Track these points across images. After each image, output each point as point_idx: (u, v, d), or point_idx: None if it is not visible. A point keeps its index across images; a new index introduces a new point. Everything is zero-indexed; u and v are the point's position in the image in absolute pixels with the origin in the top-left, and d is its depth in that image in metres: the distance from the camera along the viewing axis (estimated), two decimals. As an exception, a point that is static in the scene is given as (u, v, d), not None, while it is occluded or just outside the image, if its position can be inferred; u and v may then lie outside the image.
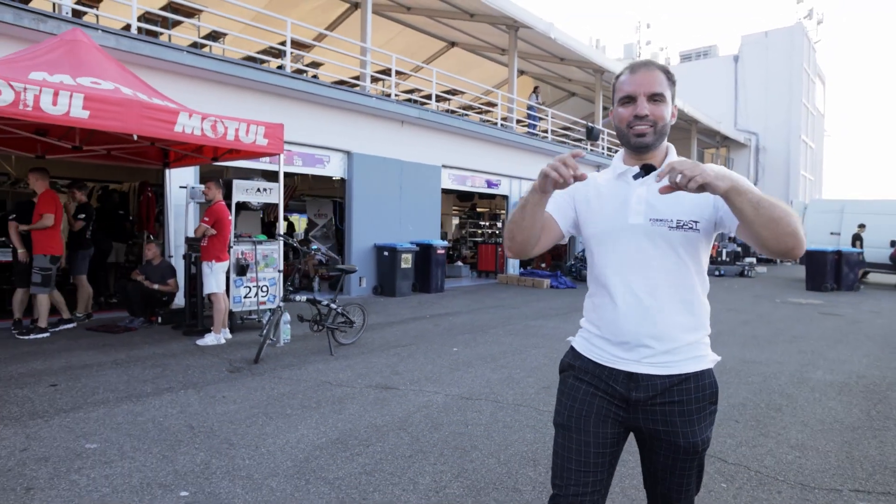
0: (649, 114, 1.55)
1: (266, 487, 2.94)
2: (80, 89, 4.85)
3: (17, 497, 2.78)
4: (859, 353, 6.78)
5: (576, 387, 1.66)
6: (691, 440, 1.55)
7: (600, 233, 1.63)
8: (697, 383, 1.57)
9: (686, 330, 1.57)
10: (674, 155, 1.64)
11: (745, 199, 1.34)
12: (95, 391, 4.55)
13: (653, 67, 1.60)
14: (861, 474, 3.28)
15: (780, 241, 1.37)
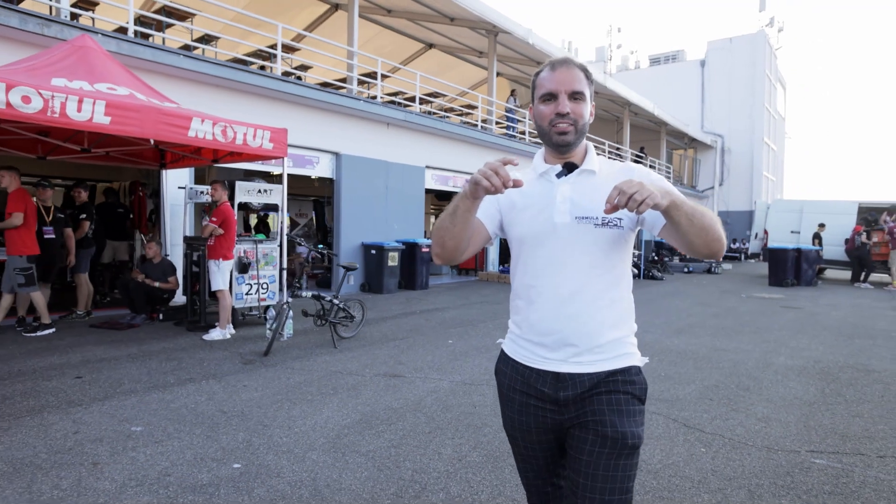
0: (570, 112, 1.55)
1: (308, 460, 3.33)
2: (101, 96, 5.13)
3: (87, 470, 3.12)
4: (816, 341, 7.43)
5: (511, 398, 1.66)
6: (619, 429, 1.50)
7: (527, 234, 1.61)
8: (625, 377, 1.55)
9: (611, 327, 1.56)
10: (593, 154, 1.64)
11: (682, 213, 1.38)
12: (121, 382, 4.85)
13: (573, 65, 1.59)
14: (815, 439, 3.83)
15: (709, 246, 1.43)
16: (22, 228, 6.39)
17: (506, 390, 1.67)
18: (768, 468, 3.35)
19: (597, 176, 1.59)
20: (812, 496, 3.01)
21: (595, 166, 1.61)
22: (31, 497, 2.80)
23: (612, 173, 1.59)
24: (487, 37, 17.17)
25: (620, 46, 44.16)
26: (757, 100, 35.36)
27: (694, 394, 4.86)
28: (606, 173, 1.60)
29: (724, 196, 35.25)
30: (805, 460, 3.48)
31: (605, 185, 1.49)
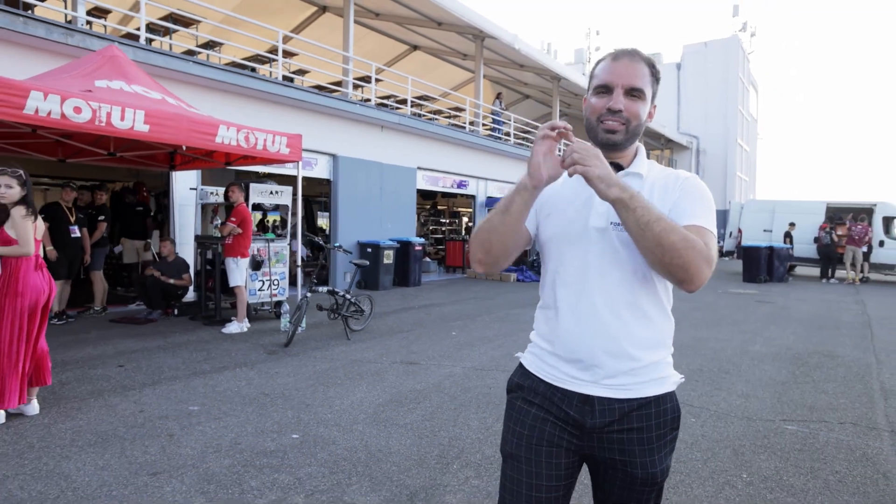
0: (624, 109, 1.40)
1: (356, 431, 3.83)
2: (140, 105, 5.53)
3: (165, 440, 3.57)
4: (787, 331, 8.12)
5: (525, 411, 1.49)
6: (650, 471, 1.40)
7: (557, 236, 1.47)
8: (659, 408, 1.42)
9: (648, 347, 1.41)
10: (643, 157, 1.51)
11: (630, 216, 1.25)
12: (161, 370, 5.27)
13: (637, 58, 1.44)
14: (787, 410, 4.44)
15: (668, 270, 1.28)
16: None
17: (519, 402, 1.50)
18: (748, 433, 3.94)
19: (644, 180, 1.45)
20: (785, 453, 3.59)
21: (643, 170, 1.47)
22: (128, 460, 3.25)
23: (661, 178, 1.46)
24: (475, 41, 17.67)
25: (599, 49, 45.08)
26: (731, 102, 36.54)
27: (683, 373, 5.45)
28: (655, 178, 1.46)
29: (699, 196, 36.28)
30: (779, 427, 4.08)
31: (652, 191, 1.42)
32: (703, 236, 1.30)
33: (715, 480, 3.18)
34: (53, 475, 3.04)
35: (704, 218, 1.36)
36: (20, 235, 3.86)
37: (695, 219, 1.34)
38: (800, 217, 18.05)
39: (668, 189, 1.43)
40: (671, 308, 1.47)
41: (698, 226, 1.33)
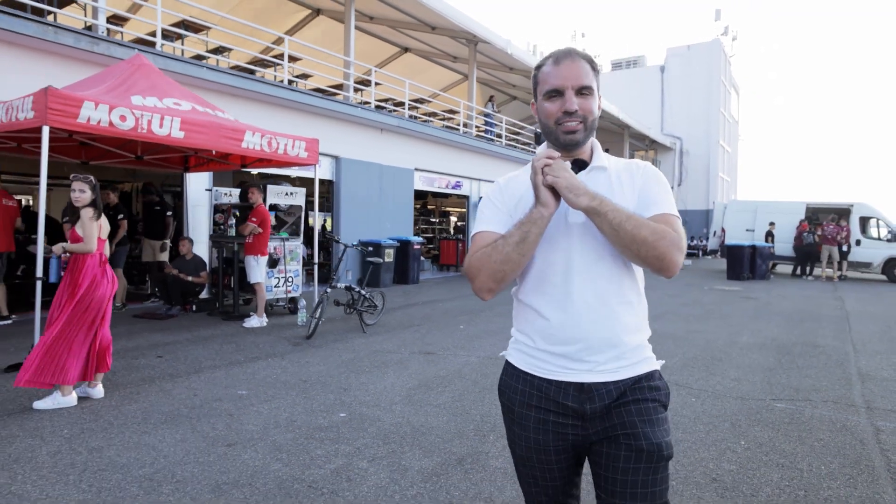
0: (578, 108, 1.45)
1: (396, 410, 4.26)
2: (176, 113, 5.90)
3: (227, 419, 3.97)
4: (771, 324, 8.68)
5: (525, 415, 1.52)
6: (654, 441, 1.41)
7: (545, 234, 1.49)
8: (650, 384, 1.48)
9: (632, 332, 1.48)
10: (599, 151, 1.57)
11: (603, 220, 1.34)
12: (199, 360, 5.65)
13: (577, 57, 1.48)
14: (776, 391, 4.96)
15: (645, 261, 1.38)
16: None
17: (517, 407, 1.53)
18: (743, 410, 4.44)
19: (608, 172, 1.53)
20: (775, 426, 4.09)
21: (606, 163, 1.55)
22: (200, 434, 3.65)
23: (623, 168, 1.55)
24: (468, 46, 18.11)
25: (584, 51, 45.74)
26: (713, 104, 37.41)
27: (678, 363, 5.96)
28: (617, 168, 1.55)
29: (682, 196, 37.08)
30: (769, 405, 4.59)
31: (617, 180, 1.51)
32: (671, 224, 1.40)
33: (717, 447, 3.67)
34: (141, 446, 3.44)
35: (667, 204, 1.46)
36: (86, 234, 4.24)
37: (660, 206, 1.44)
38: (780, 217, 18.77)
39: (633, 176, 1.51)
40: (644, 293, 1.55)
41: (664, 213, 1.43)
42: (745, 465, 3.41)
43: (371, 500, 2.85)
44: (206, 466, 3.19)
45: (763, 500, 2.95)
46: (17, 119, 5.12)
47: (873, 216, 18.00)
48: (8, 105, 5.26)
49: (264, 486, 2.96)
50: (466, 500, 2.88)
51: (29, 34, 6.92)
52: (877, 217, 17.96)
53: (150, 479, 3.01)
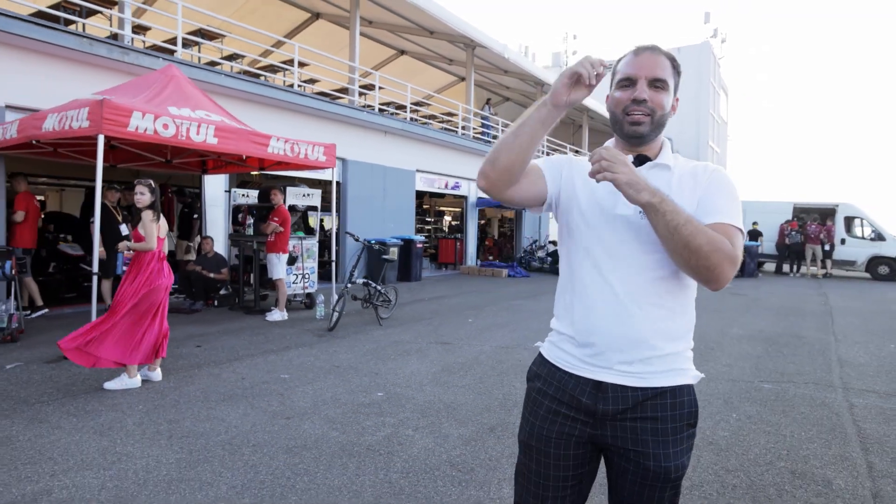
0: (648, 99, 1.42)
1: (426, 390, 4.76)
2: (210, 122, 6.36)
3: (279, 398, 4.45)
4: (760, 318, 9.27)
5: (538, 402, 1.53)
6: (663, 464, 1.39)
7: (582, 219, 1.49)
8: (675, 400, 1.42)
9: (667, 338, 1.42)
10: (669, 149, 1.53)
11: (660, 219, 1.29)
12: (236, 349, 6.12)
13: (659, 52, 1.46)
14: (763, 375, 5.52)
15: (694, 271, 1.32)
16: (24, 223, 7.45)
17: (535, 394, 1.55)
18: (735, 390, 4.98)
19: (672, 171, 1.48)
20: (763, 402, 4.64)
21: (671, 161, 1.50)
22: (260, 410, 4.13)
23: (689, 169, 1.49)
24: (466, 50, 18.60)
25: (576, 52, 46.40)
26: (703, 106, 38.21)
27: (674, 352, 6.50)
28: (682, 169, 1.49)
29: (672, 196, 37.82)
30: (758, 386, 5.14)
31: (679, 182, 1.45)
32: (729, 235, 1.33)
33: (713, 419, 4.21)
34: (211, 419, 3.91)
35: (731, 214, 1.38)
36: (146, 234, 4.70)
37: (722, 216, 1.37)
38: (768, 216, 19.45)
39: (698, 179, 1.44)
40: (693, 301, 1.49)
41: (725, 223, 1.35)
42: (737, 432, 3.94)
43: (423, 460, 3.35)
44: (273, 434, 3.67)
45: (752, 458, 3.48)
46: (71, 127, 5.56)
47: (857, 216, 18.70)
48: (62, 115, 5.70)
49: (329, 449, 3.45)
50: (503, 458, 3.39)
51: (69, 46, 7.34)
52: (861, 217, 18.67)
53: (230, 444, 3.49)
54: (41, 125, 5.90)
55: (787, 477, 3.23)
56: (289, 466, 3.20)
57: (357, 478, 3.09)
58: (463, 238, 18.16)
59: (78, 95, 7.33)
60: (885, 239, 17.88)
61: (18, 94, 7.37)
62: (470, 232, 18.37)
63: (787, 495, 3.01)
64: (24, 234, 7.63)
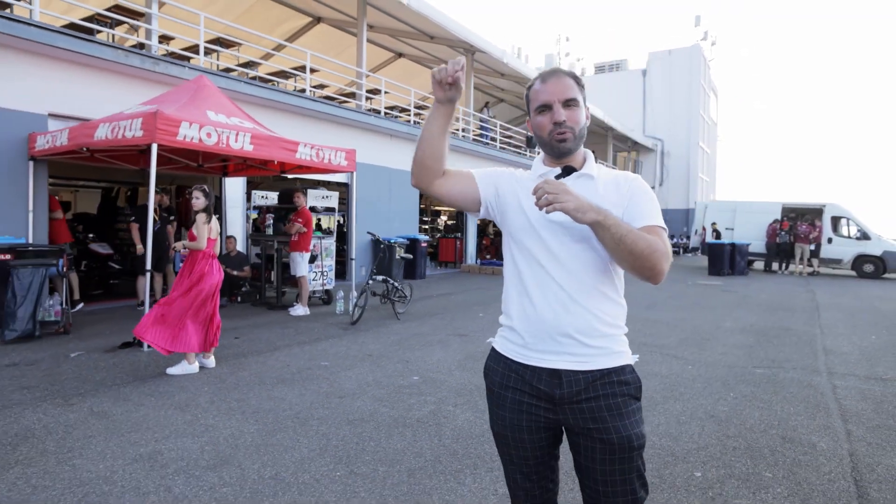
0: (566, 119, 1.59)
1: (455, 374, 5.29)
2: (245, 129, 6.85)
3: (325, 381, 4.96)
4: (751, 313, 9.87)
5: (503, 395, 1.67)
6: (624, 434, 1.55)
7: (522, 227, 1.65)
8: (620, 377, 1.59)
9: (606, 324, 1.60)
10: (592, 160, 1.70)
11: (607, 234, 1.44)
12: (272, 340, 6.61)
13: (562, 75, 1.64)
14: (756, 361, 6.10)
15: (638, 271, 1.50)
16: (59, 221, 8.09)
17: (497, 388, 1.69)
18: (731, 374, 5.55)
19: (595, 181, 1.65)
20: (756, 384, 5.21)
21: (594, 172, 1.66)
22: (312, 391, 4.64)
23: (611, 178, 1.66)
24: (465, 55, 19.09)
25: (569, 54, 47.07)
26: (693, 107, 38.94)
27: (673, 342, 7.07)
28: (605, 178, 1.66)
29: (663, 195, 38.54)
30: (751, 370, 5.71)
31: (604, 189, 1.62)
32: (660, 235, 1.53)
33: (712, 397, 4.77)
34: (273, 398, 4.43)
35: (656, 217, 1.58)
36: (199, 235, 5.20)
37: (650, 219, 1.57)
38: (755, 216, 20.17)
39: (620, 188, 1.63)
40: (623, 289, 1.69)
41: (653, 225, 1.56)
42: (734, 407, 4.51)
43: (468, 429, 3.88)
44: (332, 410, 4.19)
45: (749, 427, 4.05)
46: (124, 136, 6.03)
47: (844, 216, 19.41)
48: (114, 125, 6.16)
49: (385, 422, 3.98)
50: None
51: (104, 57, 7.81)
52: (847, 217, 19.37)
53: (297, 418, 4.01)
54: (93, 134, 6.36)
55: (779, 441, 3.79)
56: (354, 434, 3.73)
57: (415, 443, 3.62)
58: (463, 237, 18.68)
59: (113, 103, 7.84)
60: (870, 238, 18.58)
61: (60, 102, 7.82)
62: (470, 231, 18.90)
63: (779, 454, 3.57)
64: (62, 231, 8.11)
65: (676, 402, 4.62)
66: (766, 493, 3.04)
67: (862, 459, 3.53)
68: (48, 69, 7.67)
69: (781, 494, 3.03)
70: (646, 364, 5.83)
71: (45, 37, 7.26)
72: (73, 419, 3.86)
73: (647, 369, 5.62)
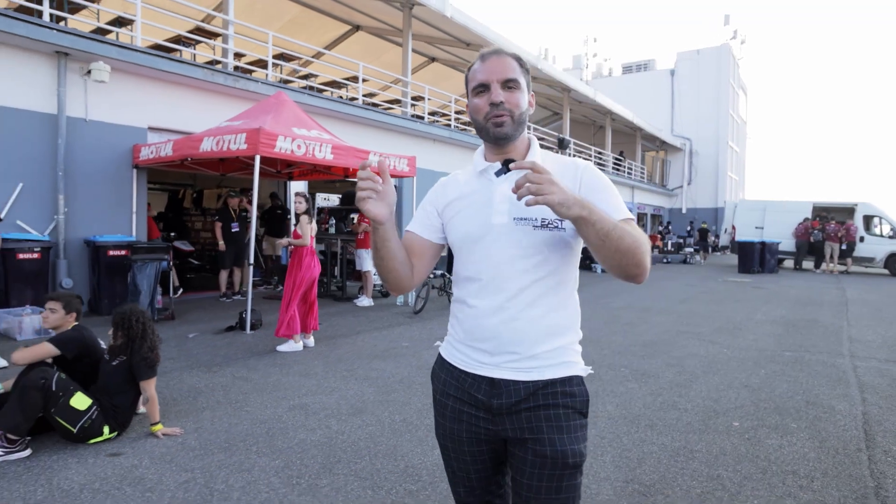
0: (504, 101, 1.46)
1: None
2: (325, 140, 7.78)
3: (412, 357, 5.83)
4: (780, 307, 10.52)
5: (444, 404, 1.59)
6: (559, 448, 1.43)
7: (464, 235, 1.54)
8: (565, 389, 1.47)
9: (552, 334, 1.48)
10: (536, 149, 1.56)
11: (591, 230, 1.30)
12: (351, 326, 7.53)
13: (503, 54, 1.51)
14: (784, 347, 6.84)
15: (622, 269, 1.36)
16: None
17: (439, 395, 1.61)
18: (762, 356, 6.30)
19: None
20: (785, 363, 5.95)
21: (537, 160, 1.47)
22: (406, 364, 5.53)
23: (555, 168, 1.47)
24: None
25: (596, 55, 47.44)
26: (722, 106, 39.11)
27: (708, 330, 7.80)
28: (552, 168, 1.41)
29: (691, 194, 38.84)
30: (780, 353, 6.46)
31: None
32: (635, 229, 1.39)
33: (745, 372, 5.54)
34: (374, 369, 5.33)
35: (622, 209, 1.44)
36: (303, 233, 6.13)
37: (618, 212, 1.42)
38: (785, 216, 20.62)
39: (569, 177, 1.47)
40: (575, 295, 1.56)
41: (624, 219, 1.41)
42: (766, 380, 5.27)
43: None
44: (427, 378, 5.06)
45: (777, 394, 4.82)
46: (229, 149, 7.00)
47: (876, 215, 19.75)
48: (219, 138, 7.14)
49: (472, 386, 4.83)
50: (605, 394, 4.76)
51: (194, 76, 8.84)
52: (879, 216, 19.71)
53: (402, 381, 4.90)
54: (198, 146, 7.34)
55: (803, 404, 4.56)
56: (452, 395, 4.60)
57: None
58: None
59: (202, 117, 8.88)
60: (902, 236, 18.93)
61: (156, 117, 8.87)
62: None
63: (803, 412, 4.34)
64: (153, 230, 9.18)
65: (715, 375, 5.41)
66: (792, 437, 3.83)
67: (873, 417, 4.28)
68: (148, 88, 8.71)
69: (803, 438, 3.81)
70: (685, 347, 6.61)
71: (150, 61, 8.30)
72: (223, 382, 4.80)
73: (687, 351, 6.41)
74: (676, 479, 3.15)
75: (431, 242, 1.61)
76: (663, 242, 25.50)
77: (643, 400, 4.60)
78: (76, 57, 7.79)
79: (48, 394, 3.24)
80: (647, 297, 11.36)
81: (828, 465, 3.39)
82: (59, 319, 3.63)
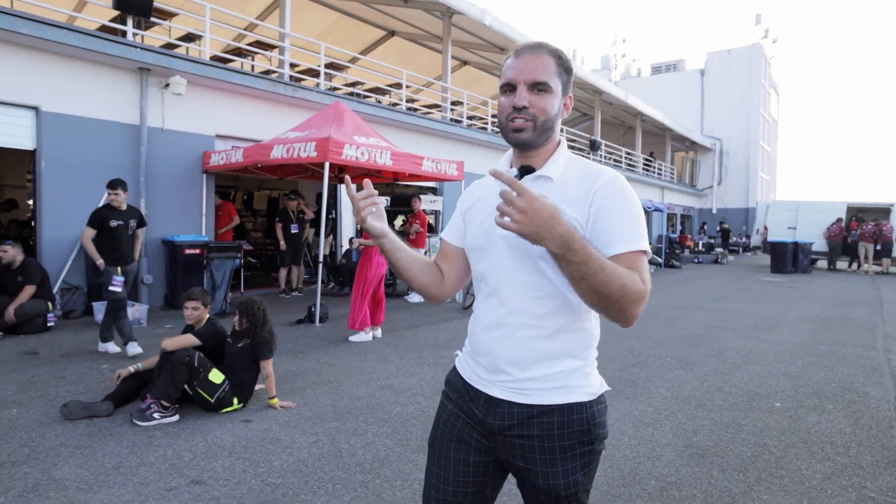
0: (528, 105, 1.34)
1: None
2: (383, 147, 8.37)
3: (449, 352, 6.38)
4: (815, 306, 10.82)
5: (443, 405, 1.56)
6: (551, 482, 1.37)
7: (472, 244, 1.50)
8: (563, 418, 1.38)
9: (549, 358, 1.38)
10: (560, 155, 1.43)
11: (566, 268, 1.19)
12: (409, 320, 8.11)
13: (541, 51, 1.37)
14: (820, 342, 7.23)
15: (602, 312, 1.27)
16: None
17: (443, 398, 1.59)
18: (799, 349, 6.71)
19: (553, 184, 1.39)
20: (821, 355, 6.37)
21: (553, 172, 1.40)
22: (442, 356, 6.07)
23: (575, 181, 1.38)
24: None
25: (625, 56, 47.45)
26: (753, 106, 38.90)
27: (745, 326, 8.21)
28: (566, 181, 1.38)
29: (721, 195, 38.72)
30: (816, 347, 6.86)
31: (561, 194, 1.34)
32: (636, 266, 1.27)
33: (783, 363, 5.97)
34: (440, 356, 5.89)
35: (633, 238, 1.30)
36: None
37: (625, 243, 1.29)
38: (818, 216, 20.71)
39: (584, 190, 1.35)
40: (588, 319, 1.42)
41: (629, 252, 1.29)
42: (803, 370, 5.71)
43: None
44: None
45: (815, 381, 5.26)
46: (299, 156, 7.64)
47: (913, 214, 19.76)
48: (288, 146, 7.77)
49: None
50: (649, 382, 5.26)
51: (257, 87, 9.53)
52: (916, 215, 19.71)
53: (469, 368, 5.44)
54: (269, 153, 7.99)
55: (839, 390, 5.01)
56: (517, 378, 5.14)
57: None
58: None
59: (264, 125, 9.57)
60: (941, 236, 18.91)
61: (223, 125, 9.58)
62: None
63: (839, 396, 4.79)
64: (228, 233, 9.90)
65: (755, 365, 5.86)
66: (829, 415, 4.30)
67: (904, 402, 4.72)
68: (216, 98, 9.42)
69: (839, 416, 4.27)
70: (724, 340, 7.06)
71: (220, 73, 9.01)
72: (311, 366, 5.41)
73: (726, 344, 6.86)
74: (729, 445, 3.66)
75: (460, 248, 1.59)
76: (694, 243, 25.67)
77: (691, 385, 5.09)
78: (156, 72, 8.51)
79: (192, 369, 3.87)
80: (681, 295, 11.76)
81: (862, 437, 3.86)
82: (200, 314, 4.30)
